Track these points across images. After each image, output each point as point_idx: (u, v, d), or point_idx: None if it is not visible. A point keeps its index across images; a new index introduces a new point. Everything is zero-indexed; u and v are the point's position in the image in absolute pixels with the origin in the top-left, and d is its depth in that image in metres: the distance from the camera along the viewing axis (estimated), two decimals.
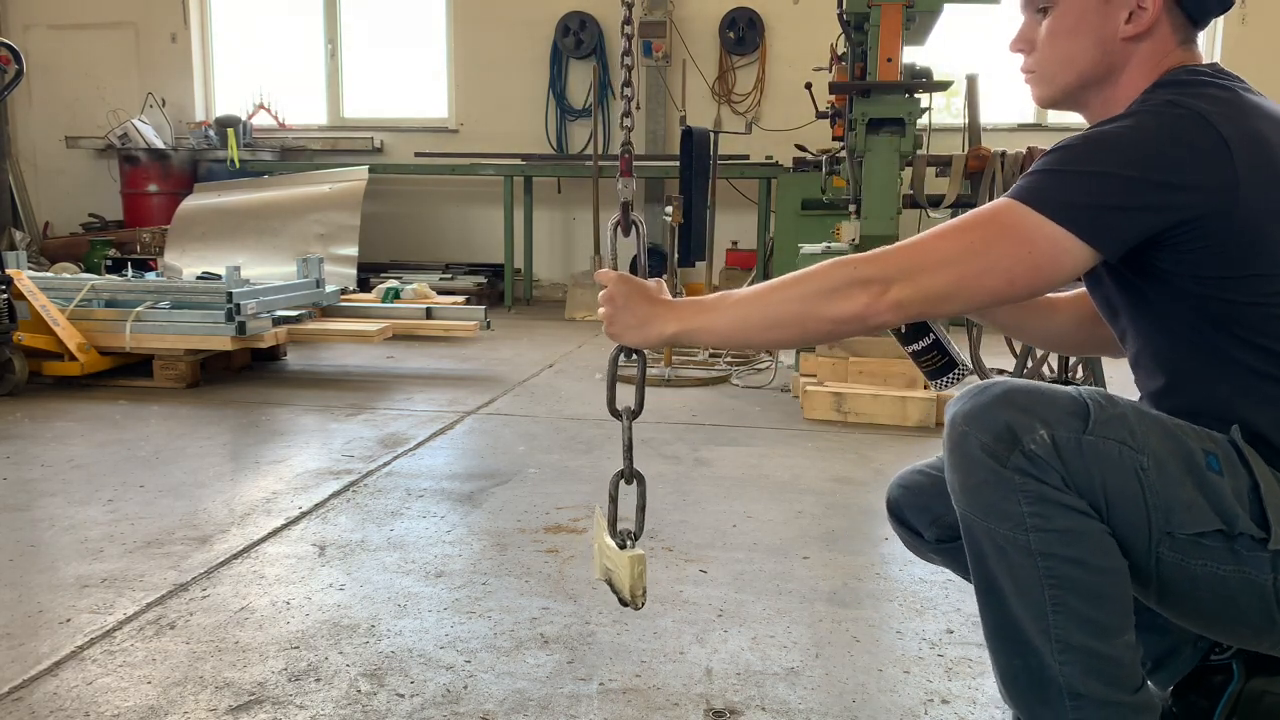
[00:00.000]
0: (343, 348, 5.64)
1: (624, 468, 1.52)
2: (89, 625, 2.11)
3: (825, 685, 1.90)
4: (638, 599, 1.47)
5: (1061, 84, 1.43)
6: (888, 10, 4.24)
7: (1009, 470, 1.25)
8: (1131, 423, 1.27)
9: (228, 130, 7.96)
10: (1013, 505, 1.26)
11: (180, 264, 6.88)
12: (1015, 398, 1.28)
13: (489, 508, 2.93)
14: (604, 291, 1.46)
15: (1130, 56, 1.38)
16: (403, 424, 3.94)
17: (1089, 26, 1.38)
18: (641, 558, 1.47)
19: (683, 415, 4.10)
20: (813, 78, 5.46)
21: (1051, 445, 1.24)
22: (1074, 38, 1.40)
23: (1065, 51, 1.41)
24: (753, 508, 2.94)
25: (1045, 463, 1.24)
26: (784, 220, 6.71)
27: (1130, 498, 1.25)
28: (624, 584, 1.47)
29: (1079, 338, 1.68)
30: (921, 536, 1.61)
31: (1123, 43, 1.37)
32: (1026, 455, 1.24)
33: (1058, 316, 1.68)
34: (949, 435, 1.32)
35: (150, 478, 3.19)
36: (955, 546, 1.47)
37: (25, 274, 4.61)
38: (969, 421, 1.29)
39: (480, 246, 8.25)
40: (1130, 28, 1.36)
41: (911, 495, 1.62)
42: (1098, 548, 1.26)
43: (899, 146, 4.42)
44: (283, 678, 1.90)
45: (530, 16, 8.05)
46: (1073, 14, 1.39)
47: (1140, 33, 1.36)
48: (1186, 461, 1.27)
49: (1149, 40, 1.37)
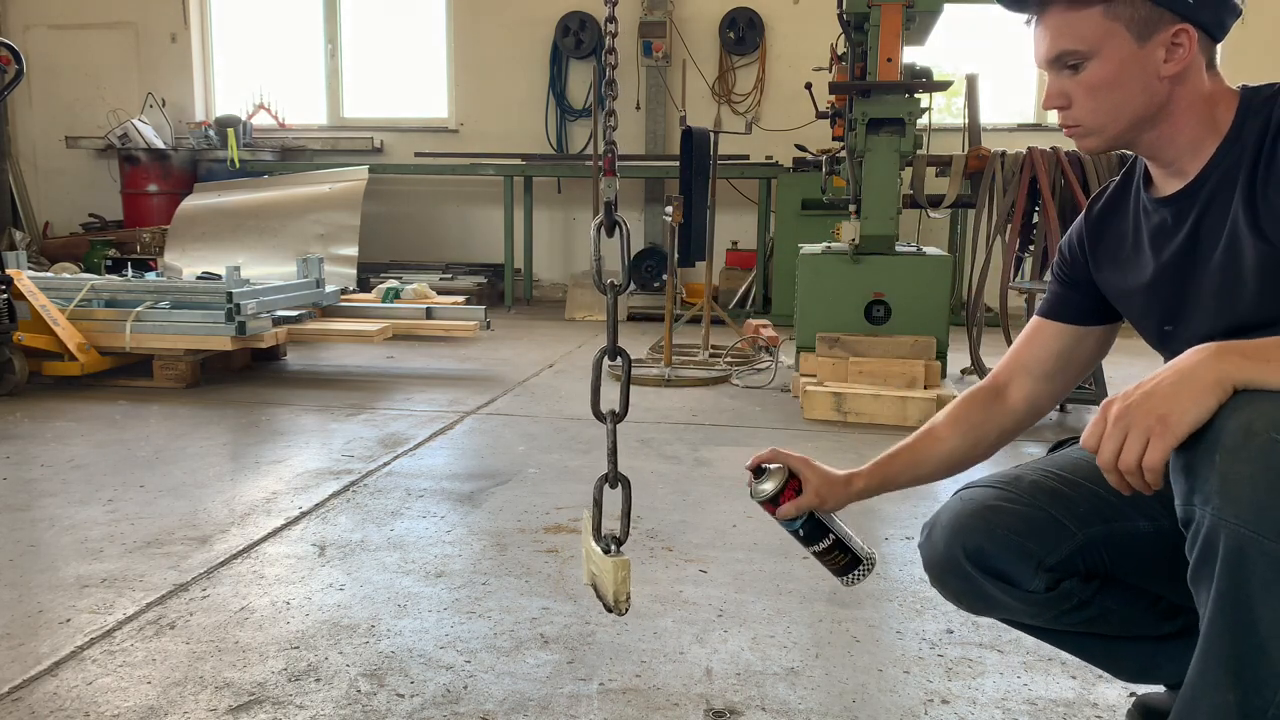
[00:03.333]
0: (343, 348, 5.64)
1: (609, 471, 1.48)
2: (89, 625, 2.11)
3: (825, 685, 1.90)
4: (621, 604, 1.45)
5: (1112, 134, 1.38)
6: (888, 10, 4.24)
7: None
8: None
9: (228, 130, 7.96)
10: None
11: (180, 264, 6.88)
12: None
13: (489, 508, 2.93)
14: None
15: (1175, 91, 1.34)
16: (403, 424, 3.94)
17: (1131, 74, 1.33)
18: (626, 563, 1.45)
19: (683, 415, 4.10)
20: (813, 78, 5.47)
21: None
22: (1117, 89, 1.34)
23: (1110, 103, 1.36)
24: (753, 508, 2.93)
25: None
26: (784, 220, 6.72)
27: None
28: (608, 589, 1.45)
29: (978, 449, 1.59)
30: (1016, 588, 1.43)
31: (1164, 81, 1.33)
32: None
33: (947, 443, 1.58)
34: (1244, 449, 1.09)
35: (150, 478, 3.19)
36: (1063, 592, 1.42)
37: (25, 274, 4.61)
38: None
39: (480, 246, 8.25)
40: (1170, 65, 1.33)
41: (1003, 539, 1.42)
42: None
43: (899, 146, 4.42)
44: (283, 678, 1.90)
45: (530, 16, 8.05)
46: (1112, 65, 1.34)
47: (1183, 68, 1.33)
48: None
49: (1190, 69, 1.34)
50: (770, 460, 1.57)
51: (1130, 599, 1.48)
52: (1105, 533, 1.42)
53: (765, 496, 1.55)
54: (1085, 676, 1.93)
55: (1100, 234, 1.51)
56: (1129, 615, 1.49)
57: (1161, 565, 1.39)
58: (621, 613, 1.46)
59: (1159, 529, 1.39)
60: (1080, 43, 1.34)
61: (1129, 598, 1.47)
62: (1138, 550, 1.43)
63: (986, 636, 2.10)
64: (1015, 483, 1.47)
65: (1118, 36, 1.33)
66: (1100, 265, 1.51)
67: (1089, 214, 1.54)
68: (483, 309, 5.35)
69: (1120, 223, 1.48)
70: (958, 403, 1.62)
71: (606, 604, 1.47)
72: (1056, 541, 1.41)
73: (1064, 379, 1.58)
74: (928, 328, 4.41)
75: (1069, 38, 1.34)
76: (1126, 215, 1.48)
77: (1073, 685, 1.89)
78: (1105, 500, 1.41)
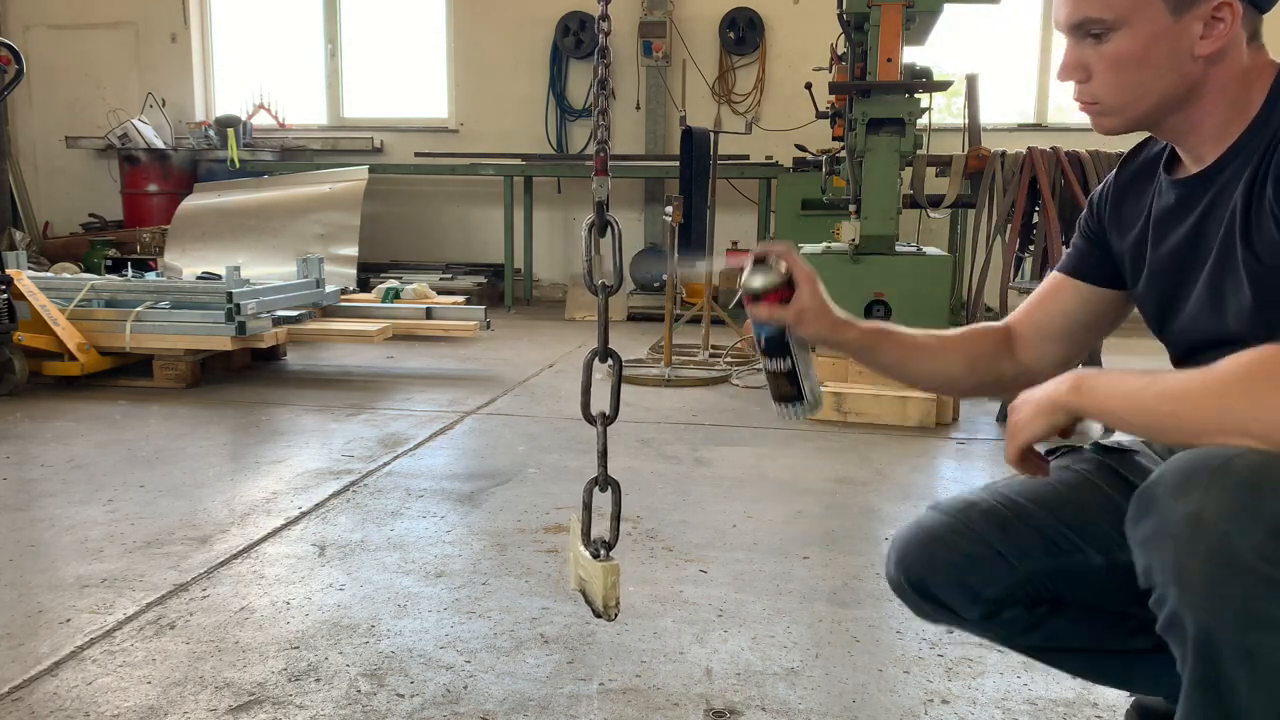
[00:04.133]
0: (343, 348, 5.64)
1: (598, 474, 1.46)
2: (89, 625, 2.11)
3: (825, 685, 1.90)
4: (610, 610, 1.42)
5: (1134, 115, 1.26)
6: (888, 10, 4.24)
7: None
8: None
9: (228, 130, 7.95)
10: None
11: (180, 264, 6.88)
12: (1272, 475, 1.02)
13: (489, 508, 2.93)
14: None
15: (1209, 71, 1.21)
16: (403, 424, 3.94)
17: (1162, 51, 1.20)
18: (615, 568, 1.41)
19: (683, 415, 4.10)
20: (813, 78, 5.47)
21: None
22: (1145, 66, 1.21)
23: (1135, 80, 1.22)
24: (753, 508, 2.94)
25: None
26: (784, 220, 6.71)
27: None
28: (597, 595, 1.42)
29: (970, 380, 1.56)
30: (958, 615, 1.42)
31: (1199, 60, 1.20)
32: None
33: (949, 358, 1.54)
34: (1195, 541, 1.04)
35: (150, 478, 3.19)
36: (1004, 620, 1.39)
37: (25, 274, 4.61)
38: (1232, 519, 1.02)
39: (480, 246, 8.25)
40: (1207, 44, 1.19)
41: (943, 572, 1.41)
42: None
43: (899, 146, 4.42)
44: (283, 678, 1.90)
45: (530, 16, 8.04)
46: (1141, 39, 1.20)
47: (1221, 47, 1.19)
48: None
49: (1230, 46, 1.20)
50: (778, 256, 1.43)
51: (1084, 621, 1.42)
52: (1051, 566, 1.36)
53: (751, 289, 1.42)
54: None
55: (1123, 197, 1.42)
56: (1089, 635, 1.44)
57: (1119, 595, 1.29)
58: (611, 618, 1.43)
59: (1113, 562, 1.31)
60: (1108, 10, 1.21)
61: (1083, 620, 1.42)
62: (1091, 582, 1.37)
63: None
64: (967, 510, 1.42)
65: (1151, 7, 1.19)
66: (1112, 230, 1.43)
67: (1120, 170, 1.44)
68: (483, 309, 5.35)
69: (1143, 191, 1.38)
70: (971, 330, 1.56)
71: (595, 609, 1.44)
72: (994, 575, 1.37)
73: (1073, 344, 1.50)
74: (928, 327, 4.39)
75: (1095, 3, 1.21)
76: (1150, 184, 1.37)
77: (1073, 685, 1.89)
78: (1058, 531, 1.36)
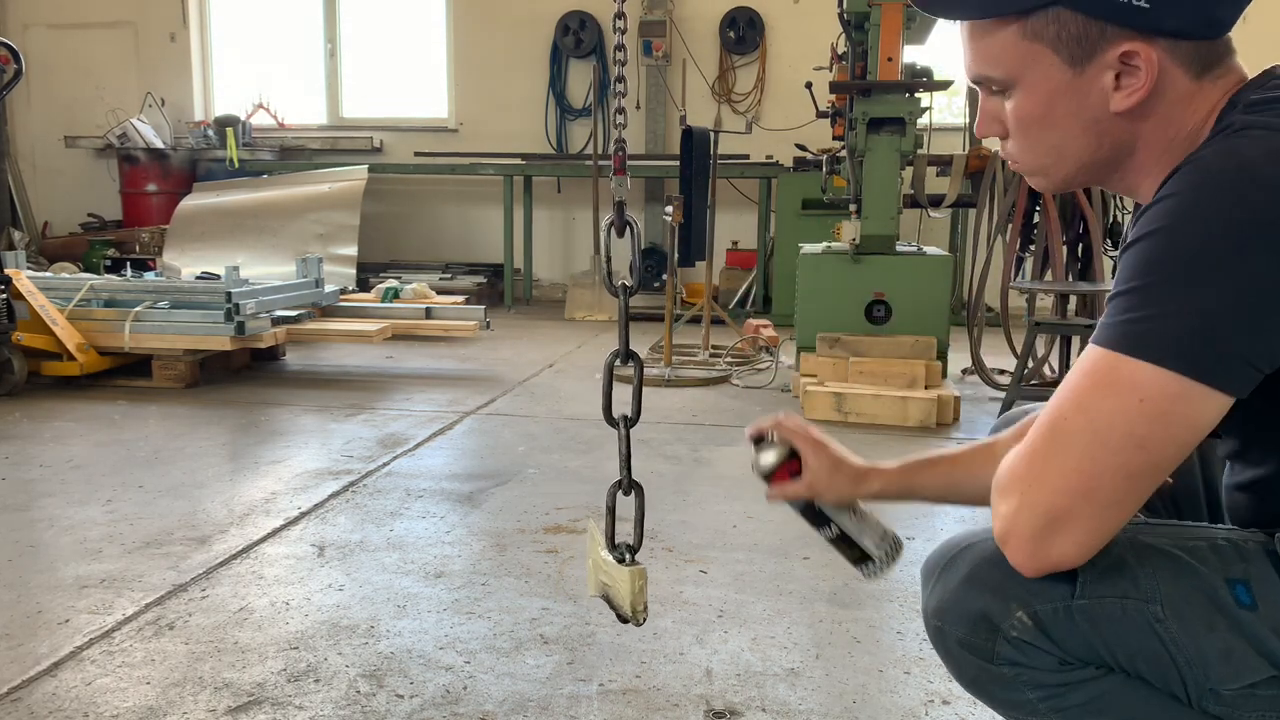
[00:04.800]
0: (342, 348, 5.63)
1: (622, 478, 1.42)
2: (88, 626, 2.10)
3: (825, 686, 1.89)
4: (639, 615, 1.39)
5: (1059, 177, 1.11)
6: (888, 10, 4.24)
7: (997, 664, 1.08)
8: (1130, 564, 1.04)
9: (227, 130, 7.95)
10: (1018, 694, 1.09)
11: (179, 264, 6.87)
12: (982, 574, 1.07)
13: (489, 508, 2.93)
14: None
15: (1137, 127, 1.04)
16: (402, 424, 3.94)
17: (1066, 111, 1.04)
18: (642, 572, 1.39)
19: (683, 415, 4.09)
20: (813, 77, 5.46)
21: (1034, 626, 1.05)
22: (1050, 126, 1.06)
23: (1045, 142, 1.08)
24: (753, 508, 2.93)
25: (1033, 646, 1.06)
26: (784, 220, 6.71)
27: (1153, 658, 1.03)
28: (624, 600, 1.39)
29: None
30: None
31: (1119, 118, 1.03)
32: (1010, 643, 1.06)
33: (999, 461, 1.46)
34: (928, 631, 1.15)
35: (149, 478, 3.18)
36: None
37: (24, 274, 4.60)
38: (940, 616, 1.12)
39: (480, 246, 8.24)
40: (1123, 97, 1.02)
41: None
42: (1134, 698, 1.07)
43: (899, 146, 4.41)
44: (282, 678, 1.89)
45: (530, 16, 8.04)
46: (1040, 97, 1.04)
47: (1139, 101, 1.02)
48: (1210, 600, 1.02)
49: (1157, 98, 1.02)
50: (774, 430, 1.40)
51: None
52: None
53: (761, 472, 1.40)
54: None
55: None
56: None
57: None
58: (640, 623, 1.40)
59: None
60: (996, 67, 1.06)
61: None
62: None
63: None
64: None
65: (1043, 61, 1.02)
66: None
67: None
68: (482, 309, 5.34)
69: None
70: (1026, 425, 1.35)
71: (623, 615, 1.40)
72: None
73: None
74: (928, 328, 4.40)
75: (983, 60, 1.07)
76: None
77: None
78: None
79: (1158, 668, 1.04)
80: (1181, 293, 0.94)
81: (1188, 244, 0.94)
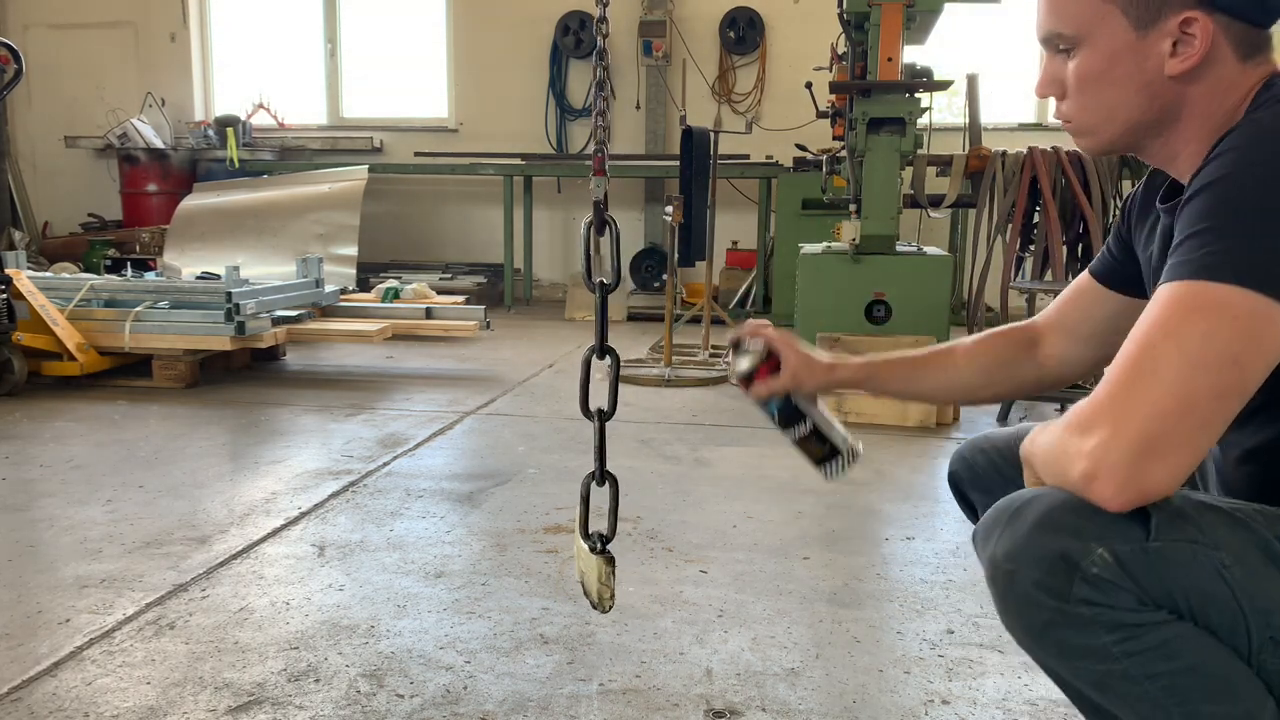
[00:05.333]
0: (342, 348, 5.64)
1: (595, 469, 1.48)
2: (88, 626, 2.10)
3: (825, 686, 1.90)
4: (605, 602, 1.45)
5: (1107, 137, 1.20)
6: (888, 10, 4.24)
7: (1074, 604, 1.07)
8: (1191, 515, 1.07)
9: (227, 130, 7.95)
10: (1091, 639, 1.08)
11: (180, 264, 6.87)
12: (1055, 518, 1.07)
13: (489, 508, 2.93)
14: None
15: (1186, 92, 1.13)
16: (402, 424, 3.94)
17: (1126, 71, 1.13)
18: (609, 560, 1.45)
19: (683, 415, 4.09)
20: (813, 77, 5.46)
21: (1116, 563, 1.05)
22: (1109, 86, 1.14)
23: (1101, 100, 1.16)
24: (753, 508, 2.94)
25: (1113, 585, 1.05)
26: (784, 220, 6.71)
27: (1219, 603, 1.06)
28: (591, 586, 1.46)
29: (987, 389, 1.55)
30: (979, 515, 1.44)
31: (1171, 81, 1.12)
32: (1090, 581, 1.05)
33: (959, 368, 1.52)
34: (993, 581, 1.12)
35: (149, 478, 3.18)
36: None
37: (25, 274, 4.60)
38: (1014, 559, 1.09)
39: (480, 246, 8.24)
40: (1178, 62, 1.11)
41: (974, 475, 1.46)
42: (1203, 645, 1.08)
43: (899, 146, 4.41)
44: (282, 678, 1.90)
45: (530, 16, 8.04)
46: (1103, 56, 1.14)
47: (1192, 67, 1.11)
48: (1265, 552, 1.07)
49: (1207, 67, 1.11)
50: (752, 335, 1.51)
51: None
52: None
53: (741, 374, 1.49)
54: None
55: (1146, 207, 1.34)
56: None
57: None
58: (605, 610, 1.46)
59: None
60: (1069, 24, 1.16)
61: None
62: None
63: (987, 637, 2.09)
64: None
65: (1112, 21, 1.12)
66: (1137, 238, 1.36)
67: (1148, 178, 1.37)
68: (482, 309, 5.34)
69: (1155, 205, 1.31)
70: (984, 337, 1.52)
71: (591, 601, 1.47)
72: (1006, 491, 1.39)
73: (1100, 346, 1.44)
74: (928, 328, 4.40)
75: (1058, 16, 1.17)
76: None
77: None
78: None
79: (1224, 614, 1.06)
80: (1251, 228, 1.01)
81: (1254, 188, 1.02)
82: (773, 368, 1.48)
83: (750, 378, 1.49)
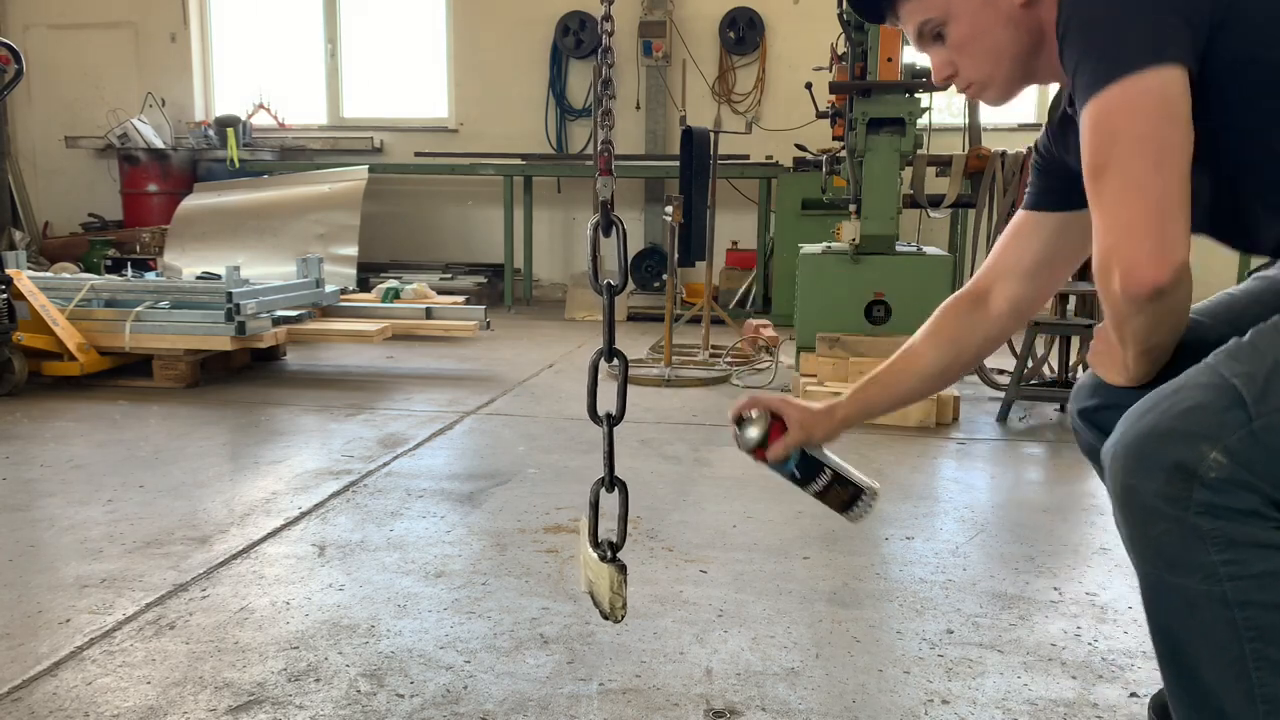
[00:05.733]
0: (342, 348, 5.64)
1: (605, 475, 1.46)
2: (88, 625, 2.11)
3: (825, 685, 1.90)
4: (617, 611, 1.43)
5: (1003, 79, 1.39)
6: None
7: (1194, 514, 1.10)
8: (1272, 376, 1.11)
9: (227, 130, 7.96)
10: (1202, 554, 1.11)
11: (180, 264, 6.88)
12: (1164, 424, 1.12)
13: (489, 508, 2.93)
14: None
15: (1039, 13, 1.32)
16: (402, 424, 3.94)
17: (990, 19, 1.35)
18: (621, 569, 1.42)
19: (683, 415, 4.10)
20: (813, 77, 5.46)
21: (1230, 461, 1.08)
22: (983, 36, 1.36)
23: (983, 52, 1.37)
24: (753, 508, 2.94)
25: (1233, 485, 1.08)
26: (784, 220, 6.71)
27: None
28: (603, 596, 1.43)
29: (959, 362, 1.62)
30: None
31: (1025, 9, 1.33)
32: (1209, 486, 1.09)
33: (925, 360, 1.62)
34: (1115, 491, 1.17)
35: (150, 478, 3.18)
36: None
37: (25, 274, 4.60)
38: (1132, 474, 1.14)
39: (480, 246, 8.25)
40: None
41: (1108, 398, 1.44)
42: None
43: (899, 146, 4.42)
44: (282, 678, 1.90)
45: (530, 16, 8.04)
46: (968, 19, 1.36)
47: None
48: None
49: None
50: (749, 408, 1.56)
51: None
52: None
53: (753, 443, 1.54)
54: (1085, 677, 1.93)
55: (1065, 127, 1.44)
56: None
57: None
58: (617, 620, 1.43)
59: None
60: (931, 10, 1.37)
61: None
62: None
63: (987, 636, 2.10)
64: None
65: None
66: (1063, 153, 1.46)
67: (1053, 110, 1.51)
68: (482, 309, 5.35)
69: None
70: (935, 316, 1.61)
71: (602, 611, 1.44)
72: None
73: (1048, 275, 1.55)
74: None
75: (920, 10, 1.38)
76: None
77: (1073, 685, 1.89)
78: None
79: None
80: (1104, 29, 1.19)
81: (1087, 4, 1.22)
82: (781, 429, 1.53)
83: (763, 443, 1.53)
